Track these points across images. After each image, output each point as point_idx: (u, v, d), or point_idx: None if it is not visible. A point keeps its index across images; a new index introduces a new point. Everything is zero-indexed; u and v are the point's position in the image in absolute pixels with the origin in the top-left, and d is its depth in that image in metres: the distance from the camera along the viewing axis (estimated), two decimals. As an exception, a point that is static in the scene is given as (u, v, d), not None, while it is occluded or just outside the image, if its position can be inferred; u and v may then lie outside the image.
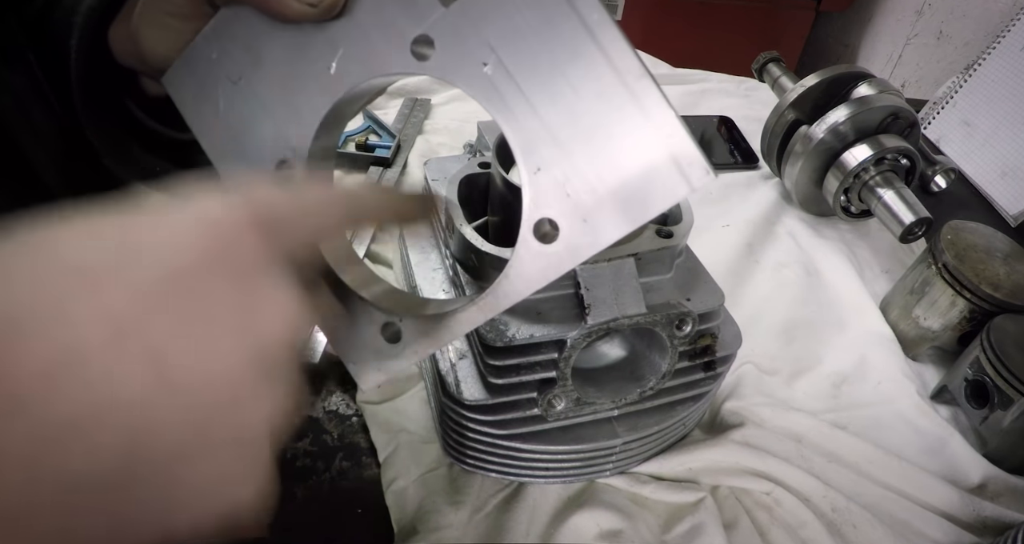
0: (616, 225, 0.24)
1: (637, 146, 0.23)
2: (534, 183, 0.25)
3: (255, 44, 0.29)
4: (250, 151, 0.30)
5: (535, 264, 0.26)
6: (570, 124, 0.24)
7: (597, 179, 0.24)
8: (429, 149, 0.82)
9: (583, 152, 0.24)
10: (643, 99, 0.22)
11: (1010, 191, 0.80)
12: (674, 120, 0.22)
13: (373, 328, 0.29)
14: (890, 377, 0.58)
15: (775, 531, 0.47)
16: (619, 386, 0.43)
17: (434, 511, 0.46)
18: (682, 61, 1.07)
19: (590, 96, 0.23)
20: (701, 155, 0.22)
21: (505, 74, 0.24)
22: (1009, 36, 0.85)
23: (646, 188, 0.23)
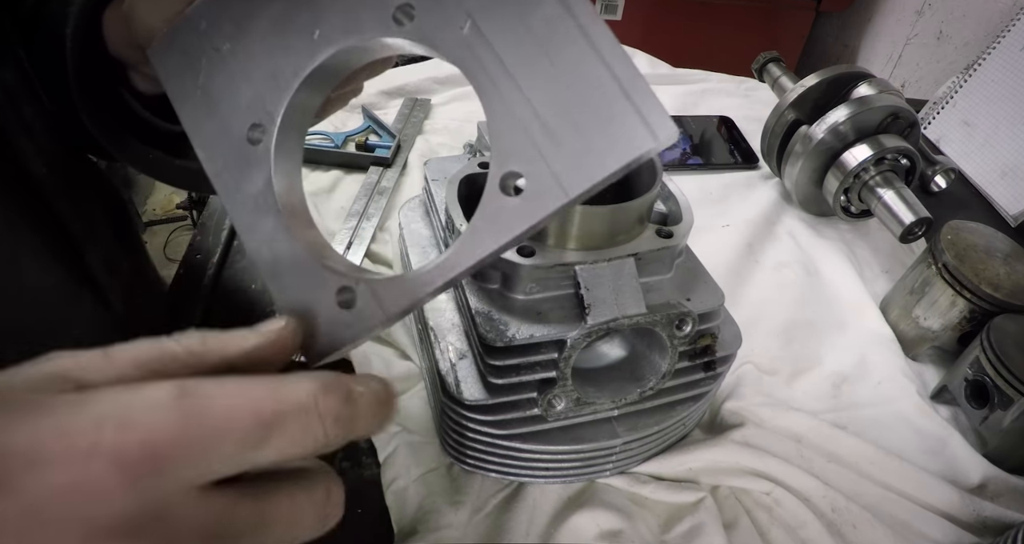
0: (582, 176, 0.24)
1: (603, 101, 0.23)
2: (501, 136, 0.25)
3: (245, 17, 0.30)
4: (224, 116, 0.31)
5: (501, 218, 0.25)
6: (541, 84, 0.24)
7: (563, 132, 0.24)
8: (429, 149, 0.82)
9: (551, 106, 0.24)
10: (609, 59, 0.23)
11: (1010, 191, 0.80)
12: (640, 80, 0.23)
13: (328, 293, 0.28)
14: (890, 377, 0.58)
15: (775, 531, 0.47)
16: (619, 386, 0.43)
17: (434, 511, 0.46)
18: (682, 61, 1.07)
19: (559, 55, 0.24)
20: (665, 113, 0.23)
21: (480, 37, 0.25)
22: (1009, 36, 0.85)
23: (612, 141, 0.23)
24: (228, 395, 0.21)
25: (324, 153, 0.78)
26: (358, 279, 0.28)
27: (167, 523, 0.20)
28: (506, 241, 0.25)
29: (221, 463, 0.21)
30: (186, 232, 2.07)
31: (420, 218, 0.53)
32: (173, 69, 0.32)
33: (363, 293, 0.28)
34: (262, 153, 0.30)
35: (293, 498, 0.23)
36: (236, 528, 0.21)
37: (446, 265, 0.26)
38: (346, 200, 0.73)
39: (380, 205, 0.72)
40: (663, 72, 1.04)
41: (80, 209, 0.43)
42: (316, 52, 0.29)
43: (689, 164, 0.84)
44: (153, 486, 0.19)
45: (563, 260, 0.39)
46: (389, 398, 0.25)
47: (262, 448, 0.21)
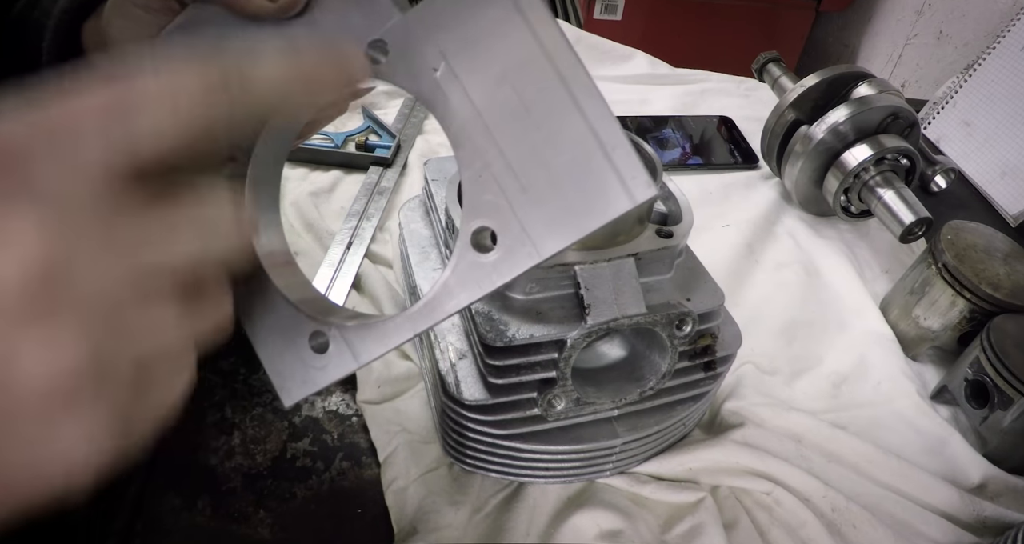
0: (556, 237, 0.23)
1: (580, 158, 0.23)
2: (472, 188, 0.24)
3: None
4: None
5: (472, 274, 0.25)
6: (515, 134, 0.23)
7: (537, 188, 0.23)
8: (429, 149, 0.82)
9: (525, 160, 0.23)
10: (589, 111, 0.22)
11: (1010, 191, 0.80)
12: (620, 136, 0.22)
13: (300, 337, 0.28)
14: (890, 377, 0.58)
15: (775, 531, 0.47)
16: (619, 386, 0.43)
17: (434, 511, 0.46)
18: (682, 61, 1.07)
19: (536, 107, 0.23)
20: (643, 168, 0.22)
21: (454, 79, 0.24)
22: (1009, 36, 0.85)
23: (588, 201, 0.23)
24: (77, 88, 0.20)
25: (324, 153, 0.78)
26: (331, 324, 0.28)
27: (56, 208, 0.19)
28: (477, 297, 0.25)
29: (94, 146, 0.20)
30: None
31: (420, 218, 0.53)
32: None
33: (336, 338, 0.28)
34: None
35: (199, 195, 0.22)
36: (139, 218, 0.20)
37: (417, 317, 0.26)
38: (346, 200, 0.73)
39: (380, 205, 0.72)
40: (663, 72, 1.04)
41: None
42: None
43: (689, 164, 0.84)
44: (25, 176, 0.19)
45: (563, 260, 0.39)
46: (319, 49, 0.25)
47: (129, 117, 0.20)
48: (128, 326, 0.20)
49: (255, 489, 0.47)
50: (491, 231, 0.24)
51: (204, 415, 0.51)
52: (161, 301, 0.21)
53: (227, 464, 0.48)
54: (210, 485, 0.47)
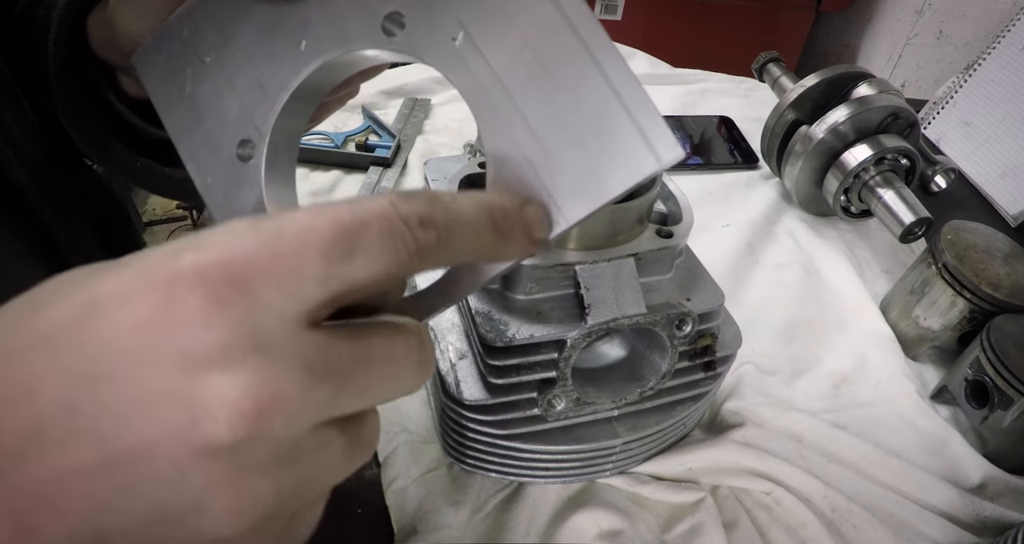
0: (583, 202, 0.23)
1: (604, 121, 0.22)
2: (496, 157, 0.24)
3: (229, 24, 0.29)
4: (212, 129, 0.30)
5: None
6: (538, 99, 0.23)
7: (561, 153, 0.23)
8: (429, 149, 0.82)
9: (548, 125, 0.23)
10: (611, 73, 0.22)
11: (1010, 191, 0.80)
12: (641, 93, 0.22)
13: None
14: (890, 377, 0.58)
15: (775, 531, 0.47)
16: (619, 386, 0.43)
17: (434, 511, 0.46)
18: (682, 61, 1.07)
19: (557, 71, 0.23)
20: (668, 129, 0.21)
21: (473, 48, 0.24)
22: (1009, 36, 0.85)
23: (613, 164, 0.22)
24: (305, 214, 0.20)
25: (324, 153, 0.78)
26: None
27: (269, 355, 0.18)
28: (504, 268, 0.24)
29: (312, 282, 0.19)
30: (186, 232, 2.07)
31: (420, 218, 0.53)
32: (158, 78, 0.31)
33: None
34: (252, 170, 0.29)
35: (391, 339, 0.22)
36: (339, 362, 0.20)
37: (447, 290, 0.25)
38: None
39: (380, 205, 0.72)
40: (663, 72, 1.04)
41: (64, 216, 0.42)
42: (302, 63, 0.28)
43: (689, 164, 0.84)
44: (244, 312, 0.18)
45: (563, 260, 0.39)
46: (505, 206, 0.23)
47: (350, 259, 0.19)
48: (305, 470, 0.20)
49: (255, 489, 0.47)
50: None
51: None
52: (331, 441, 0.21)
53: (227, 464, 0.48)
54: (210, 485, 0.47)
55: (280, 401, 0.18)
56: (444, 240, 0.21)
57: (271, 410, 0.18)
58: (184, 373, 0.17)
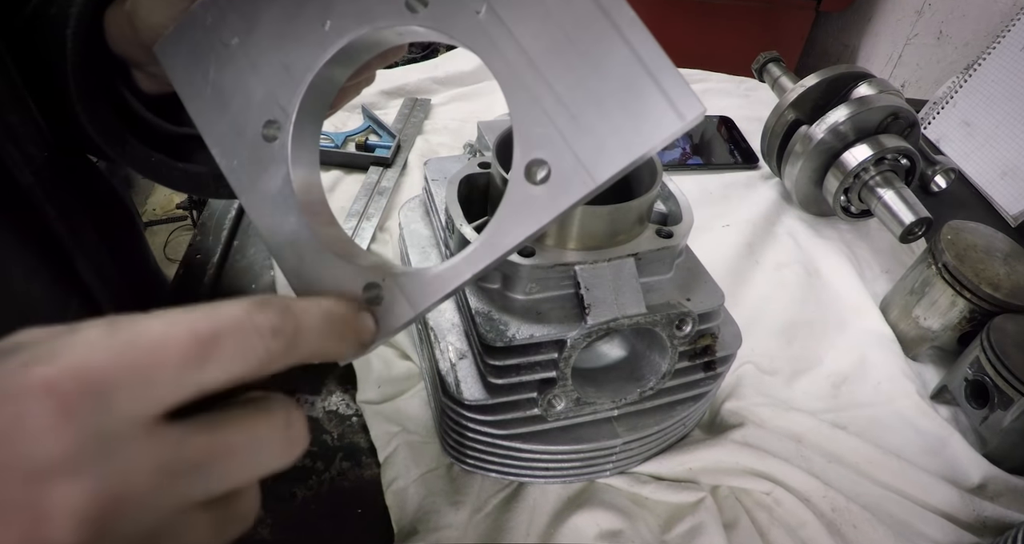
0: (610, 162, 0.23)
1: (627, 83, 0.23)
2: (524, 123, 0.25)
3: (253, 8, 0.29)
4: (237, 113, 0.30)
5: (528, 207, 0.25)
6: (562, 66, 0.24)
7: (587, 116, 0.24)
8: (429, 149, 0.82)
9: (573, 90, 0.24)
10: (631, 38, 0.23)
11: (1010, 191, 0.80)
12: (661, 55, 0.22)
13: (354, 290, 0.28)
14: (890, 377, 0.58)
15: (775, 531, 0.47)
16: (619, 386, 0.43)
17: (434, 511, 0.46)
18: (682, 61, 1.06)
19: (580, 38, 0.23)
20: (689, 89, 0.22)
21: (497, 21, 0.25)
22: (1009, 36, 0.85)
23: (638, 123, 0.23)
24: (161, 321, 0.21)
25: (324, 153, 0.78)
26: (384, 275, 0.27)
27: (115, 459, 0.19)
28: (534, 230, 0.25)
29: (165, 388, 0.20)
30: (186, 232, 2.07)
31: (420, 218, 0.53)
32: (181, 66, 0.32)
33: (390, 289, 0.27)
34: (278, 150, 0.29)
35: (251, 423, 0.23)
36: (193, 458, 0.21)
37: (473, 257, 0.26)
38: (346, 200, 0.73)
39: (380, 205, 0.72)
40: (663, 72, 1.04)
41: (69, 217, 0.42)
42: (328, 43, 0.28)
43: (689, 164, 0.84)
44: (92, 421, 0.19)
45: (563, 260, 0.39)
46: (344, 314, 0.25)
47: (203, 367, 0.21)
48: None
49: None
50: (544, 162, 0.24)
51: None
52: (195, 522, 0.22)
53: (227, 464, 0.48)
54: (210, 485, 0.47)
55: (126, 502, 0.19)
56: (291, 346, 0.23)
57: (116, 512, 0.19)
58: (30, 483, 0.18)
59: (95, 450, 0.19)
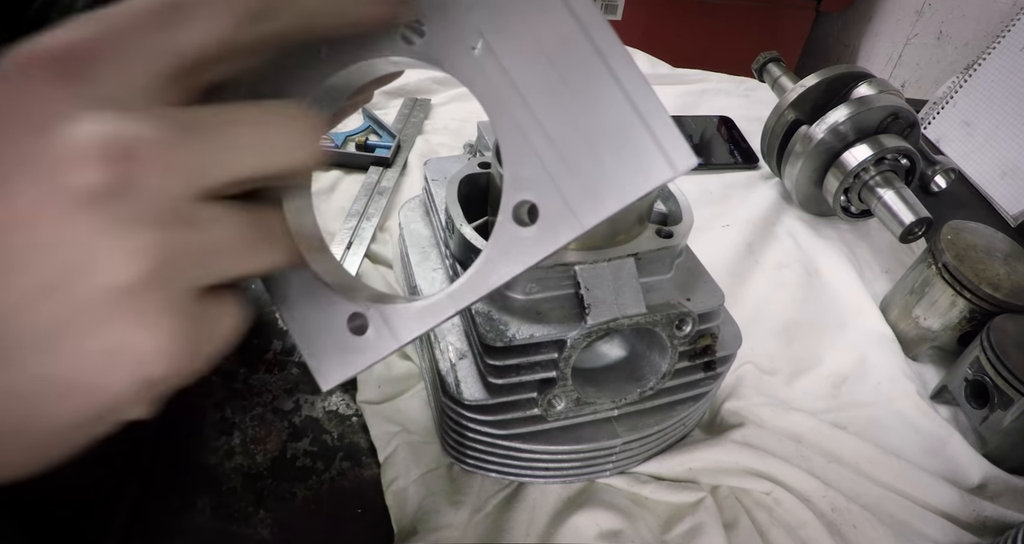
0: (597, 207, 0.23)
1: (618, 128, 0.23)
2: (513, 163, 0.25)
3: None
4: None
5: (514, 248, 0.25)
6: (554, 107, 0.24)
7: (578, 159, 0.23)
8: (429, 149, 0.82)
9: (565, 132, 0.24)
10: (626, 83, 0.23)
11: (1010, 191, 0.80)
12: (654, 101, 0.22)
13: (339, 319, 0.28)
14: (890, 377, 0.58)
15: (775, 531, 0.47)
16: (619, 386, 0.43)
17: (434, 511, 0.46)
18: (682, 61, 1.07)
19: (574, 80, 0.23)
20: (682, 137, 0.22)
21: (492, 57, 0.25)
22: (1009, 36, 0.85)
23: (628, 170, 0.23)
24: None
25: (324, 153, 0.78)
26: (369, 305, 0.28)
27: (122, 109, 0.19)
28: (518, 271, 0.25)
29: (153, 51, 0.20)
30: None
31: (420, 218, 0.53)
32: None
33: (375, 319, 0.28)
34: None
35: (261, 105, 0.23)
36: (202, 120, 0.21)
37: (459, 293, 0.26)
38: (346, 200, 0.73)
39: (380, 205, 0.72)
40: (663, 72, 1.04)
41: None
42: (322, 71, 0.28)
43: (689, 164, 0.84)
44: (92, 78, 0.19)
45: (563, 260, 0.39)
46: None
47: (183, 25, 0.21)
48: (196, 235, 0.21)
49: (255, 489, 0.47)
50: (531, 204, 0.24)
51: (204, 415, 0.51)
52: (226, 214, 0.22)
53: (227, 464, 0.48)
54: (210, 485, 0.47)
55: (138, 151, 0.19)
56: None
57: (139, 156, 0.19)
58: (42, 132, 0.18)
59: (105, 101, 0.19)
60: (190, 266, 0.21)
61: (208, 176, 0.21)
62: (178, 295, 0.21)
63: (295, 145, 0.23)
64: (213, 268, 0.22)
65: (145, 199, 0.19)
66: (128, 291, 0.19)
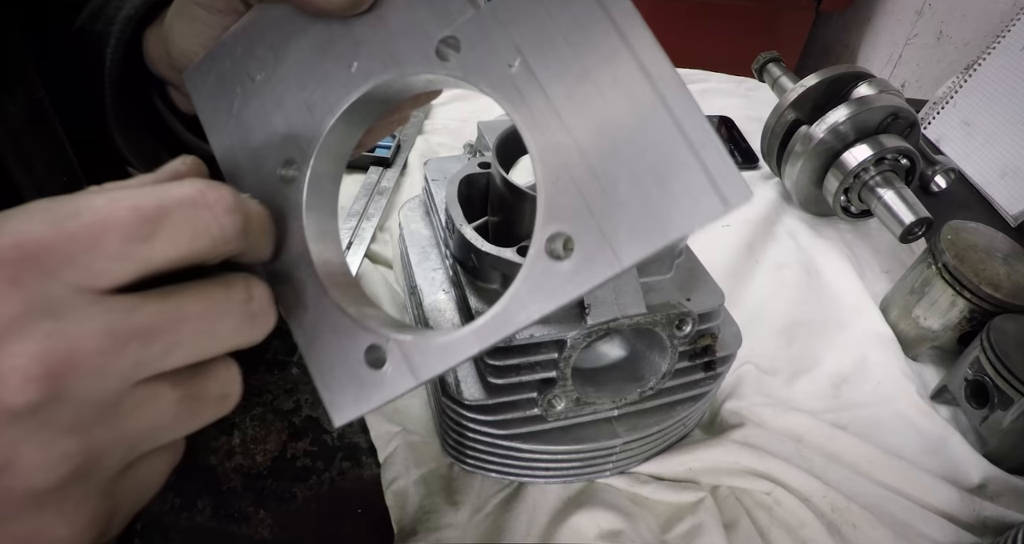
0: (639, 244, 0.21)
1: (667, 157, 0.21)
2: (548, 190, 0.23)
3: (282, 43, 0.29)
4: (257, 149, 0.29)
5: (546, 284, 0.23)
6: (596, 132, 0.22)
7: (619, 191, 0.21)
8: (429, 149, 0.82)
9: (606, 160, 0.22)
10: (676, 110, 0.21)
11: (1010, 191, 0.80)
12: (710, 134, 0.20)
13: (355, 351, 0.26)
14: (890, 377, 0.58)
15: (775, 531, 0.47)
16: (619, 386, 0.43)
17: (434, 511, 0.46)
18: (682, 61, 1.07)
19: (618, 103, 0.21)
20: (736, 169, 0.20)
21: (530, 76, 0.23)
22: (1009, 36, 0.85)
23: (674, 205, 0.20)
24: (105, 197, 0.21)
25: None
26: (388, 338, 0.26)
27: (62, 322, 0.19)
28: (550, 309, 0.23)
29: (109, 261, 0.20)
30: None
31: (420, 218, 0.53)
32: (207, 96, 0.31)
33: (393, 353, 0.26)
34: (294, 193, 0.28)
35: (206, 293, 0.22)
36: (143, 324, 0.21)
37: (485, 330, 0.24)
38: (346, 200, 0.73)
39: (380, 205, 0.72)
40: (663, 72, 1.04)
41: None
42: (352, 85, 0.27)
43: (689, 164, 0.84)
44: (38, 287, 0.19)
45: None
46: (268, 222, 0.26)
47: (151, 241, 0.21)
48: (124, 424, 0.21)
49: (255, 489, 0.47)
50: (567, 237, 0.22)
51: (204, 415, 0.51)
52: (158, 396, 0.22)
53: (227, 464, 0.48)
54: (210, 485, 0.47)
55: (75, 363, 0.19)
56: (247, 227, 0.23)
57: (66, 372, 0.19)
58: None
59: (41, 313, 0.19)
60: (116, 453, 0.21)
61: (146, 371, 0.21)
62: (100, 483, 0.21)
63: (240, 328, 0.23)
64: (143, 445, 0.22)
65: (75, 406, 0.20)
66: (47, 492, 0.20)
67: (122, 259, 0.20)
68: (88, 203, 0.20)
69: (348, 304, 0.27)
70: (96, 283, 0.20)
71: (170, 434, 0.23)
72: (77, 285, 0.20)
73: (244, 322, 0.23)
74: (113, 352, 0.20)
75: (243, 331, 0.23)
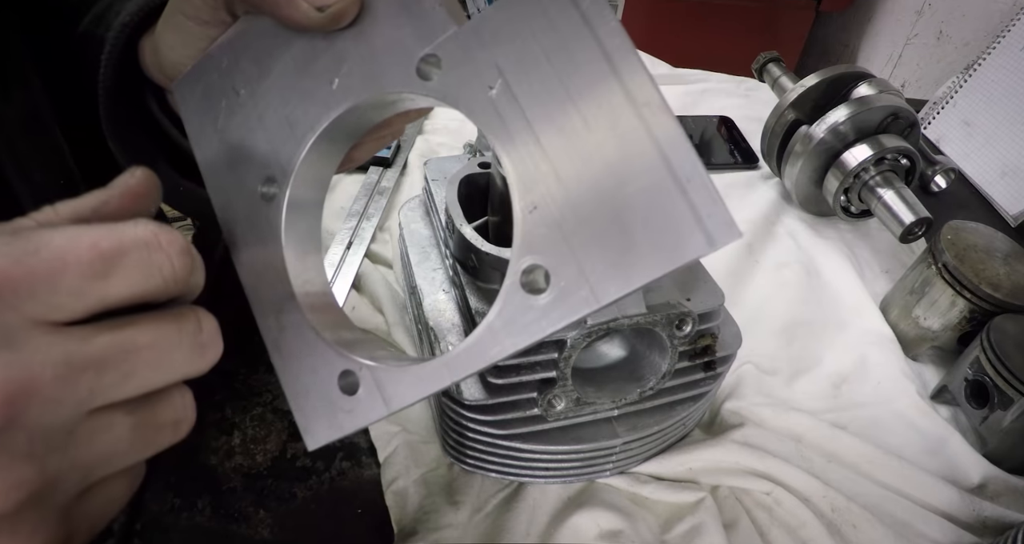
0: (618, 281, 0.20)
1: (650, 191, 0.20)
2: (528, 223, 0.22)
3: (267, 56, 0.28)
4: (240, 165, 0.29)
5: (520, 318, 0.22)
6: (577, 161, 0.21)
7: (600, 224, 0.20)
8: (429, 149, 0.82)
9: (587, 192, 0.21)
10: (663, 141, 0.20)
11: (1010, 191, 0.80)
12: (697, 167, 0.19)
13: (330, 376, 0.26)
14: (890, 377, 0.58)
15: (775, 531, 0.47)
16: (619, 386, 0.43)
17: (434, 511, 0.46)
18: (682, 61, 1.08)
19: (602, 131, 0.20)
20: (723, 204, 0.19)
21: (511, 99, 0.22)
22: (1009, 36, 0.85)
23: (657, 241, 0.20)
24: (65, 234, 0.21)
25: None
26: (361, 364, 0.26)
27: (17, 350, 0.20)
28: (523, 346, 0.22)
29: (67, 296, 0.21)
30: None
31: (420, 218, 0.53)
32: (194, 109, 0.30)
33: (366, 380, 0.26)
34: (274, 211, 0.28)
35: (159, 325, 0.23)
36: (97, 354, 0.21)
37: (457, 363, 0.24)
38: (346, 200, 0.73)
39: (380, 205, 0.72)
40: (663, 72, 1.04)
41: None
42: (333, 103, 0.26)
43: (689, 164, 0.84)
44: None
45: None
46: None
47: (107, 279, 0.21)
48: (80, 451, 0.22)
49: (255, 489, 0.47)
50: (544, 270, 0.22)
51: (204, 415, 0.51)
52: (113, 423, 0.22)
53: (227, 464, 0.48)
54: (210, 485, 0.47)
55: (31, 392, 0.20)
56: (194, 267, 0.24)
57: (22, 400, 0.20)
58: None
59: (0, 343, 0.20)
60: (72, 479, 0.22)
61: (100, 399, 0.22)
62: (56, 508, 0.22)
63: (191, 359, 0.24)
64: (99, 471, 0.23)
65: (30, 433, 0.20)
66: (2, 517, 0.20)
67: (80, 295, 0.21)
68: (48, 241, 0.21)
69: (325, 328, 0.27)
70: (54, 316, 0.21)
71: (126, 460, 0.23)
72: (35, 318, 0.21)
73: (194, 353, 0.24)
74: (68, 381, 0.21)
75: (193, 362, 0.24)
